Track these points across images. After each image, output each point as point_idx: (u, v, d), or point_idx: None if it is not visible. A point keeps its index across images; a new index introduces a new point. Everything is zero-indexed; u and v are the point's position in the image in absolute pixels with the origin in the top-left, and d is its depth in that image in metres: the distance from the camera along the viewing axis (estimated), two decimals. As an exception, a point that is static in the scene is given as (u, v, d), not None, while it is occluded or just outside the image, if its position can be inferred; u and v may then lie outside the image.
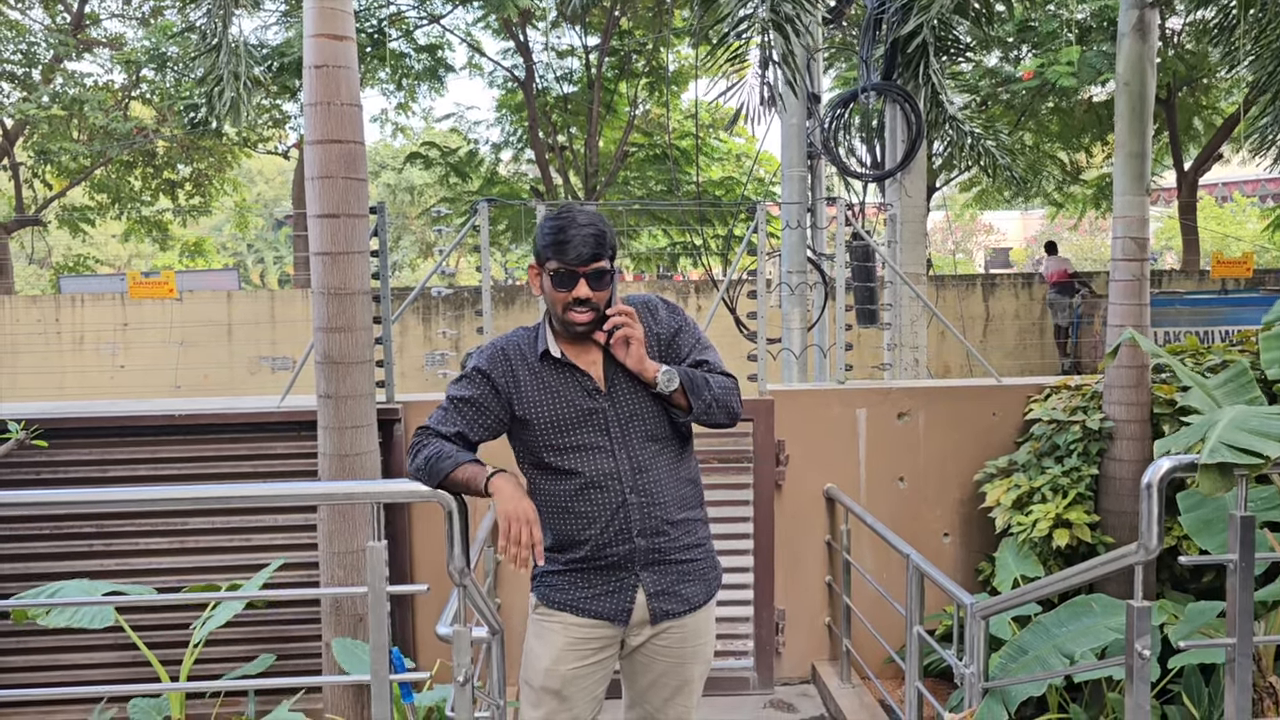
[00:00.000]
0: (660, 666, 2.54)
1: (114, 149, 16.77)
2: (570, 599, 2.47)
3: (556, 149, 17.62)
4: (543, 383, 2.43)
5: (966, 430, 5.30)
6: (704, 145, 18.33)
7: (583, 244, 2.32)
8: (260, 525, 4.93)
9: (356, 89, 4.12)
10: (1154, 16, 4.83)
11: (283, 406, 5.00)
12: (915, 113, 7.04)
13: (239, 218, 24.17)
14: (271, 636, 4.91)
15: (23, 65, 16.82)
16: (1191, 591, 4.57)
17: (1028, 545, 4.73)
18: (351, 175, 4.08)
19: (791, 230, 7.06)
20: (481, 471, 2.31)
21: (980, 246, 36.57)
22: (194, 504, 4.42)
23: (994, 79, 15.21)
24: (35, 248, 22.30)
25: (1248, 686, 2.46)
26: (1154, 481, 2.38)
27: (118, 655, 4.82)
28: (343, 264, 4.10)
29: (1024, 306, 15.56)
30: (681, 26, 15.85)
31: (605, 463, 2.40)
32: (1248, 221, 28.48)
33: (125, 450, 4.89)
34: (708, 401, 2.41)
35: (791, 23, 5.32)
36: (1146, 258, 4.89)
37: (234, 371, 14.73)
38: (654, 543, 2.43)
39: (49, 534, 4.87)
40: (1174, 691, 3.99)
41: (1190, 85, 16.34)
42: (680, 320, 2.54)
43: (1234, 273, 13.53)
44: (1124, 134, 4.87)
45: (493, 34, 17.63)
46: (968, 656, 3.47)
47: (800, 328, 7.12)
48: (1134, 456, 4.71)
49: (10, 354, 14.32)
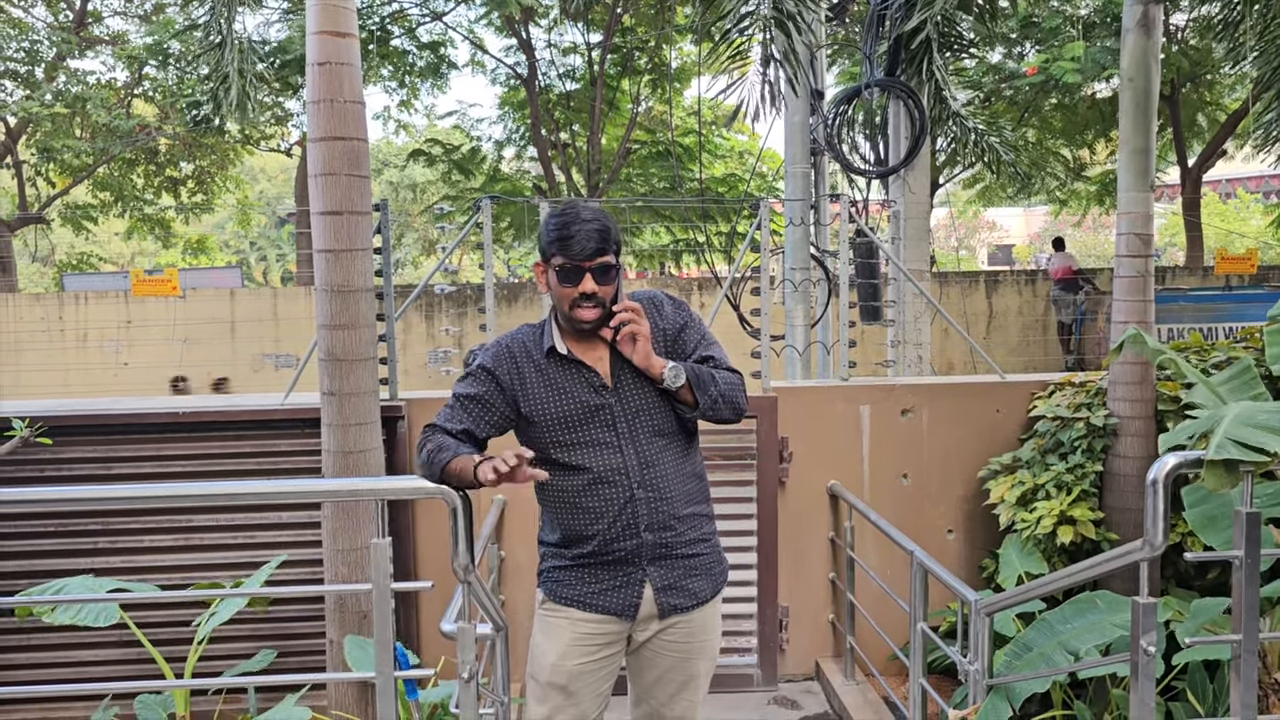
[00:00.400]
0: (666, 662, 2.54)
1: (116, 146, 16.77)
2: (577, 594, 2.47)
3: (559, 146, 17.61)
4: (549, 380, 2.43)
5: (970, 427, 5.30)
6: (707, 142, 18.30)
7: (587, 239, 2.32)
8: (264, 522, 4.93)
9: (359, 86, 4.12)
10: (1158, 12, 4.81)
11: (286, 404, 5.00)
12: (919, 109, 7.03)
13: (241, 215, 24.18)
14: (276, 634, 4.91)
15: (26, 63, 16.82)
16: (1196, 588, 4.56)
17: (1032, 542, 4.72)
18: (354, 172, 4.08)
19: (795, 227, 7.05)
20: (470, 460, 2.29)
21: (984, 243, 36.53)
22: (198, 501, 4.39)
23: (998, 75, 15.18)
24: (39, 246, 22.32)
25: (1253, 683, 2.45)
26: (1159, 478, 2.37)
27: (122, 652, 4.82)
28: (346, 261, 4.10)
29: (1027, 303, 15.54)
30: (684, 23, 15.83)
31: (613, 458, 2.41)
32: (1252, 218, 28.42)
33: (129, 447, 4.90)
34: (713, 397, 2.41)
35: (793, 20, 5.31)
36: (1151, 254, 4.88)
37: (237, 369, 14.75)
38: (661, 537, 2.43)
39: (53, 531, 4.87)
40: (1179, 688, 3.99)
41: (1194, 81, 16.30)
42: (686, 316, 2.54)
43: (1238, 269, 13.49)
44: (1128, 130, 4.86)
45: (495, 31, 17.62)
46: (972, 653, 3.47)
47: (804, 324, 7.11)
48: (1138, 453, 4.71)
49: (14, 352, 14.34)
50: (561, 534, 2.48)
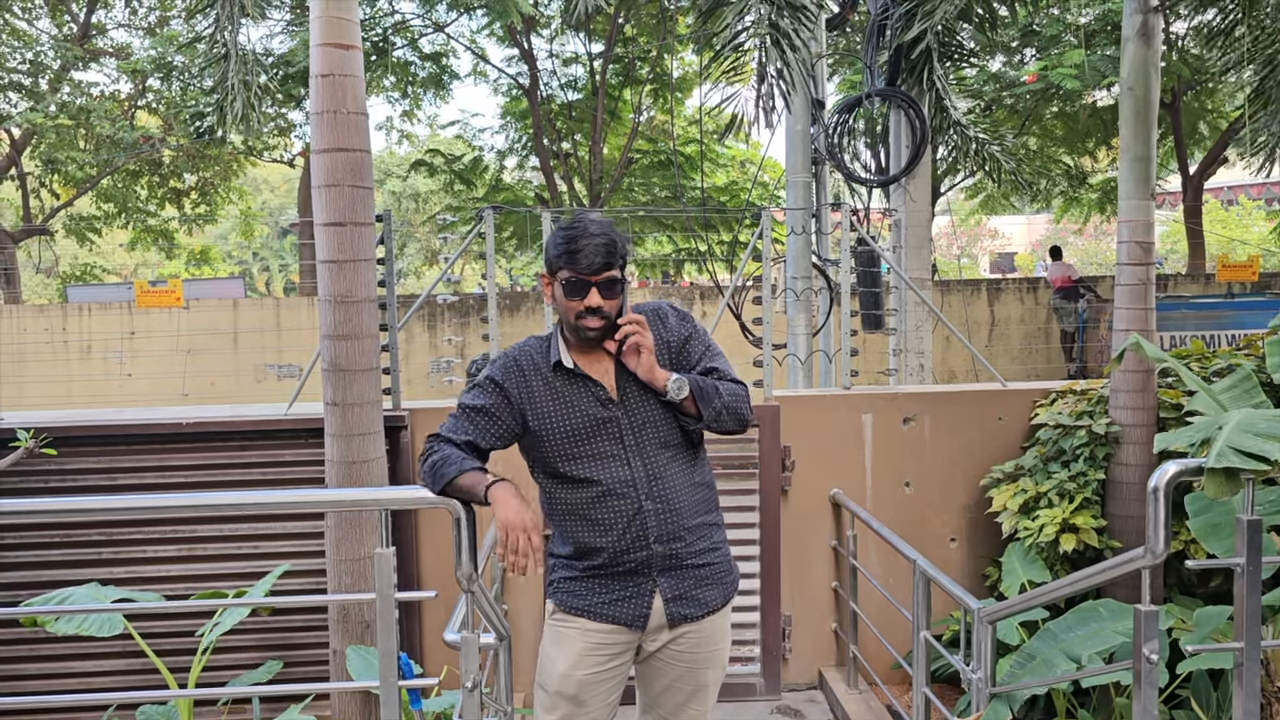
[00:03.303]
0: (676, 671, 2.55)
1: (120, 158, 16.84)
2: (588, 604, 2.48)
3: (561, 156, 17.66)
4: (556, 393, 2.45)
5: (972, 435, 5.30)
6: (708, 151, 18.34)
7: (594, 253, 2.33)
8: (268, 532, 4.94)
9: (363, 97, 4.14)
10: (1158, 21, 4.83)
11: (290, 414, 5.01)
12: (920, 118, 7.05)
13: (245, 226, 24.26)
14: (279, 644, 4.91)
15: (30, 75, 16.91)
16: (1199, 595, 4.55)
17: (1034, 550, 4.72)
18: (358, 183, 4.10)
19: (796, 236, 7.07)
20: (482, 480, 2.30)
21: (985, 251, 36.53)
22: (202, 511, 4.42)
23: (998, 84, 15.22)
24: (43, 257, 22.38)
25: (1256, 691, 2.45)
26: (1160, 486, 2.38)
27: (126, 662, 4.83)
28: (349, 271, 4.12)
29: (1029, 311, 15.55)
30: (685, 33, 15.88)
31: (621, 470, 2.42)
32: (1253, 225, 28.42)
33: (133, 458, 4.91)
34: (717, 409, 2.43)
35: (788, 37, 5.34)
36: (1152, 262, 4.89)
37: (241, 379, 14.78)
38: (671, 548, 2.44)
39: (58, 541, 4.88)
40: (1182, 696, 3.98)
41: (1195, 89, 16.33)
42: (690, 328, 2.55)
43: (1240, 276, 13.51)
44: (1128, 138, 4.87)
45: (497, 41, 17.69)
46: (975, 661, 3.46)
47: (805, 333, 7.13)
48: (1140, 461, 4.71)
49: (18, 363, 14.38)
50: (573, 547, 2.49)
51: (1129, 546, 4.57)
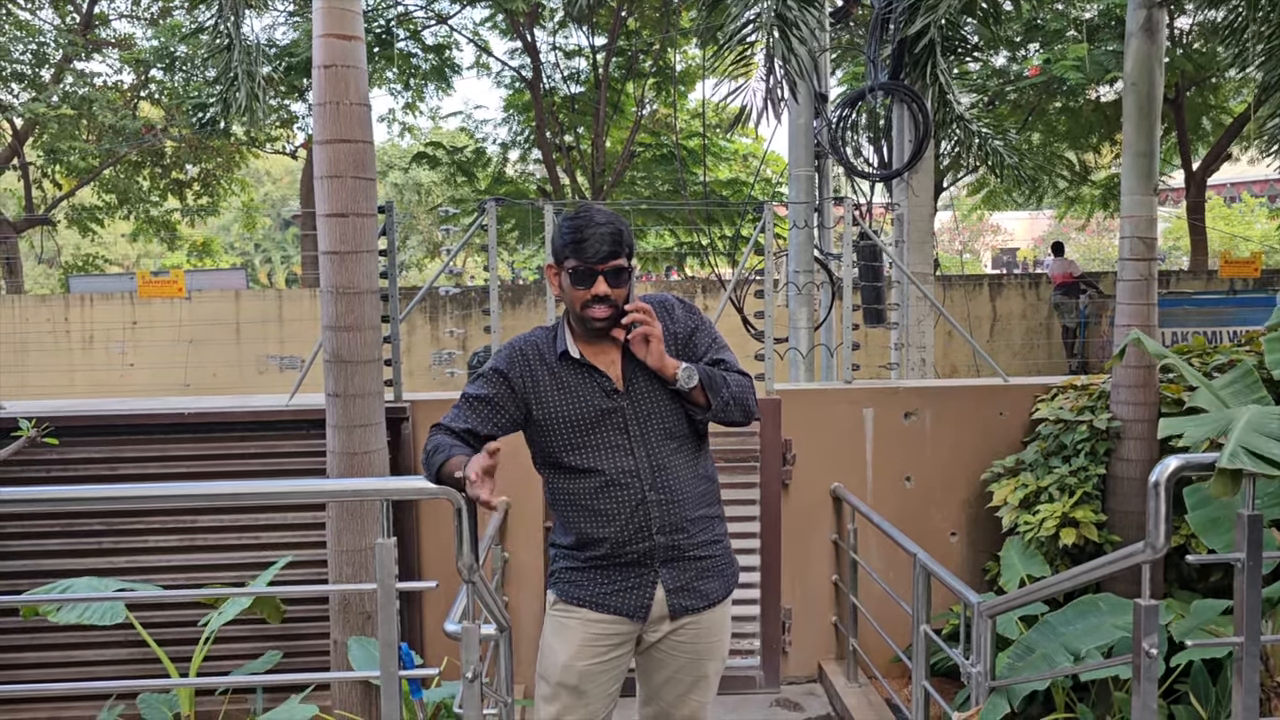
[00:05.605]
0: (676, 662, 2.55)
1: (123, 148, 16.82)
2: (589, 595, 2.48)
3: (563, 149, 17.63)
4: (561, 383, 2.45)
5: (973, 430, 5.30)
6: (711, 145, 18.32)
7: (601, 242, 2.34)
8: (269, 523, 4.95)
9: (365, 89, 4.14)
10: (1162, 16, 4.82)
11: (291, 405, 5.02)
12: (923, 112, 7.04)
13: (247, 217, 24.25)
14: (280, 634, 4.92)
15: (32, 65, 16.87)
16: (1199, 590, 4.56)
17: (1034, 544, 4.72)
18: (360, 175, 4.10)
19: (798, 230, 7.07)
20: (462, 460, 2.22)
21: (987, 246, 36.51)
22: (203, 501, 4.43)
23: (1001, 78, 15.18)
24: (45, 247, 22.37)
25: (1255, 685, 2.45)
26: (1161, 481, 2.38)
27: (127, 652, 4.84)
28: (351, 263, 4.12)
29: (1031, 306, 15.53)
30: (688, 26, 15.85)
31: (624, 461, 2.42)
32: (1256, 221, 28.38)
33: (135, 448, 4.91)
34: (726, 399, 2.43)
35: (795, 27, 5.33)
36: (1154, 257, 4.88)
37: (242, 370, 14.78)
38: (673, 539, 2.45)
39: (59, 531, 4.89)
40: (1181, 690, 3.99)
41: (1198, 85, 16.29)
42: (697, 320, 2.55)
43: (1242, 273, 13.49)
44: (1132, 134, 4.86)
45: (500, 34, 17.66)
46: (974, 655, 3.47)
47: (807, 327, 7.13)
48: (1141, 456, 4.71)
49: (20, 352, 14.39)
50: (575, 537, 2.49)
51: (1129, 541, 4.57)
